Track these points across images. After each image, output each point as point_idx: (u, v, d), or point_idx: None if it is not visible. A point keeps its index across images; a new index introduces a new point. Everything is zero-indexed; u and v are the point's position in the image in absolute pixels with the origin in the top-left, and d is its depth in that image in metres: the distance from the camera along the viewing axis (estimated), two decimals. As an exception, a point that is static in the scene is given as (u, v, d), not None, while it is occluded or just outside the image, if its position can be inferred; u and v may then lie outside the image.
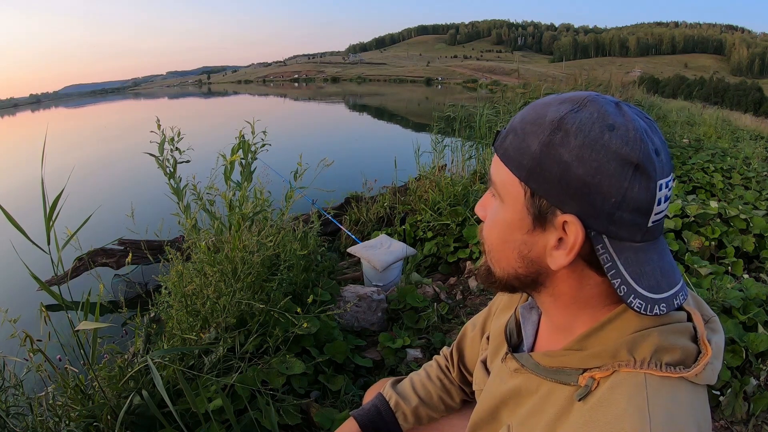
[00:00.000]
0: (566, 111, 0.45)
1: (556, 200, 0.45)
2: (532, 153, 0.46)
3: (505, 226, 0.51)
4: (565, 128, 0.45)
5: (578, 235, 0.45)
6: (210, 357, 1.42)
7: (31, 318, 1.27)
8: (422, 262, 2.93)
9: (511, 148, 0.48)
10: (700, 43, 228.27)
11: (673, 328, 0.47)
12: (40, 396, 1.25)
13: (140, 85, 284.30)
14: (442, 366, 0.88)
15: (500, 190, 0.51)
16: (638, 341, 0.46)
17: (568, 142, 0.44)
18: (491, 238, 0.53)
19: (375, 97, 46.16)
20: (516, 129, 0.49)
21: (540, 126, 0.46)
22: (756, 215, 2.68)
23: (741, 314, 1.73)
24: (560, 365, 0.52)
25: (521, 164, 0.47)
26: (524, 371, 0.56)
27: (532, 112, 0.48)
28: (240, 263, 1.58)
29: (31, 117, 61.30)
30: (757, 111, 30.15)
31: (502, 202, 0.51)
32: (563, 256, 0.47)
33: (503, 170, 0.50)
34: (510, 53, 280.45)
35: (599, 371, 0.47)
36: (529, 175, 0.46)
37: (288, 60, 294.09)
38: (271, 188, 2.16)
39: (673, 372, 0.44)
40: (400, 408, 0.82)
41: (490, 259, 0.55)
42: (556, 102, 0.47)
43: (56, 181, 1.28)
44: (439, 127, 4.27)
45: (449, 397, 0.84)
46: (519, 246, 0.50)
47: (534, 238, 0.49)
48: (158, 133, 2.08)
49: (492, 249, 0.54)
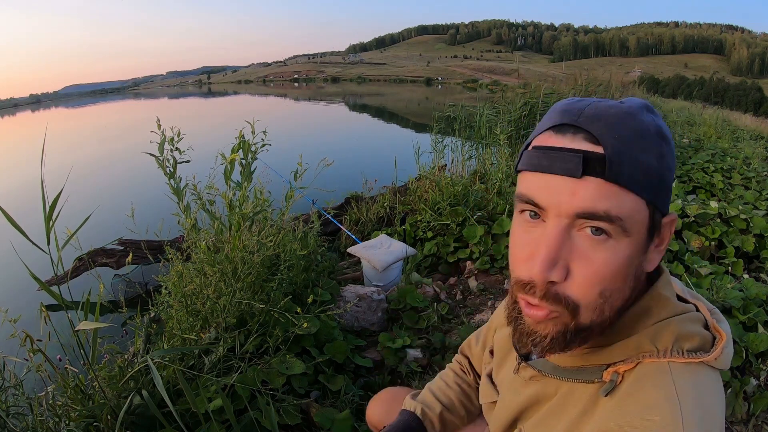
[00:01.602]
0: (657, 119, 0.46)
1: (666, 205, 0.47)
2: (656, 168, 0.44)
3: (630, 260, 0.45)
4: (666, 136, 0.46)
5: (674, 226, 0.48)
6: (210, 357, 1.42)
7: (31, 318, 1.27)
8: (422, 262, 2.93)
9: (631, 170, 0.43)
10: (700, 43, 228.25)
11: (689, 317, 0.49)
12: (40, 396, 1.26)
13: (140, 85, 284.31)
14: (458, 372, 0.87)
15: (626, 222, 0.43)
16: (660, 331, 0.47)
17: (671, 148, 0.46)
18: (613, 286, 0.45)
19: (375, 97, 46.16)
20: (626, 148, 0.43)
21: (649, 140, 0.44)
22: (756, 215, 2.68)
23: (741, 314, 1.73)
24: (582, 364, 0.50)
25: (648, 184, 0.44)
26: (542, 377, 0.55)
27: (629, 128, 0.44)
28: (240, 263, 1.58)
29: (31, 117, 61.30)
30: (757, 111, 30.15)
31: (625, 236, 0.44)
32: (658, 254, 0.48)
33: (627, 199, 0.43)
34: (510, 53, 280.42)
35: (623, 365, 0.47)
36: (655, 193, 0.45)
37: (288, 60, 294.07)
38: (271, 188, 2.16)
39: (695, 357, 0.46)
40: (427, 416, 0.81)
41: (602, 310, 0.45)
42: (637, 111, 0.45)
43: (56, 181, 1.28)
44: (439, 127, 4.27)
45: (469, 401, 0.84)
46: (636, 271, 0.47)
47: (645, 253, 0.47)
48: (158, 133, 2.08)
49: (611, 296, 0.45)
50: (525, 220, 0.48)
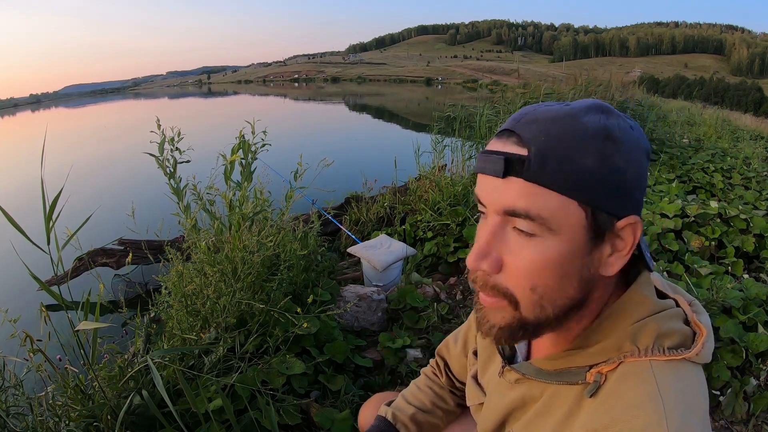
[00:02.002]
0: (603, 120, 0.45)
1: (617, 208, 0.46)
2: (590, 169, 0.44)
3: (562, 258, 0.46)
4: (613, 137, 0.45)
5: (637, 232, 0.47)
6: (210, 357, 1.42)
7: (31, 318, 1.27)
8: (422, 262, 2.93)
9: (557, 170, 0.44)
10: (700, 43, 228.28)
11: (668, 315, 0.49)
12: (40, 396, 1.26)
13: (140, 85, 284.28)
14: (429, 375, 0.89)
15: (550, 221, 0.45)
16: (640, 331, 0.48)
17: (619, 149, 0.45)
18: (544, 282, 0.46)
19: (375, 97, 46.17)
20: (553, 148, 0.44)
21: (586, 140, 0.44)
22: (756, 215, 2.68)
23: (741, 314, 1.73)
24: (565, 366, 0.51)
25: (579, 185, 0.44)
26: (525, 380, 0.56)
27: (562, 129, 0.45)
28: (240, 263, 1.58)
29: (31, 117, 61.32)
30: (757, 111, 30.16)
31: (553, 234, 0.45)
32: (620, 259, 0.47)
33: (551, 198, 0.44)
34: (510, 53, 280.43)
35: (606, 365, 0.48)
36: (590, 194, 0.44)
37: (288, 60, 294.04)
38: (271, 188, 2.16)
39: (676, 354, 0.46)
40: (398, 419, 0.83)
41: (541, 305, 0.47)
42: (580, 112, 0.45)
43: (56, 181, 1.28)
44: (439, 127, 4.27)
45: (443, 401, 0.85)
46: (580, 271, 0.47)
47: (592, 256, 0.47)
48: (158, 133, 2.08)
49: (546, 292, 0.47)
50: (482, 217, 0.52)
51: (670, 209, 2.67)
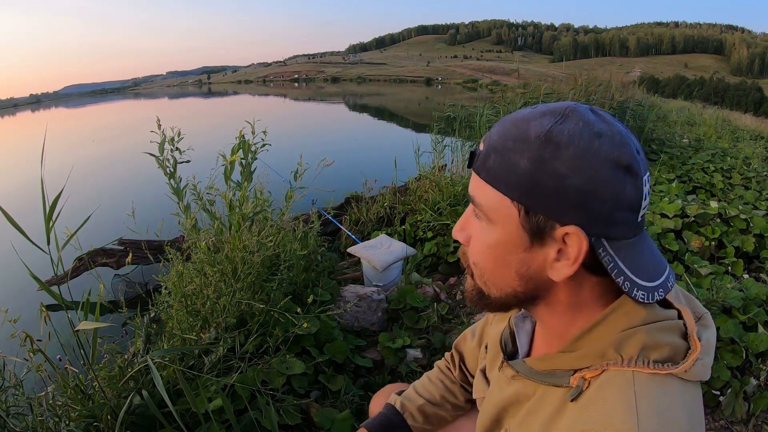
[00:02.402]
0: (551, 123, 0.45)
1: (555, 213, 0.45)
2: (523, 170, 0.45)
3: (497, 247, 0.50)
4: (555, 141, 0.44)
5: (582, 244, 0.45)
6: (210, 357, 1.42)
7: (31, 318, 1.27)
8: (422, 262, 2.93)
9: (495, 167, 0.47)
10: (700, 43, 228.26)
11: (662, 326, 0.48)
12: (40, 396, 1.26)
13: (140, 85, 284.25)
14: (442, 368, 0.90)
15: (488, 212, 0.49)
16: (625, 340, 0.47)
17: (561, 154, 0.44)
18: (483, 263, 0.52)
19: (375, 97, 46.17)
20: (497, 148, 0.47)
21: (525, 142, 0.45)
22: (756, 215, 2.68)
23: (741, 314, 1.73)
24: (551, 368, 0.52)
25: (511, 183, 0.46)
26: (520, 377, 0.57)
27: (512, 128, 0.47)
28: (240, 263, 1.58)
29: (31, 117, 61.33)
30: (757, 111, 30.15)
31: (491, 224, 0.49)
32: (567, 267, 0.47)
33: (489, 191, 0.48)
34: (510, 53, 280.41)
35: (589, 371, 0.48)
36: (522, 194, 0.46)
37: (288, 60, 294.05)
38: (271, 188, 2.16)
39: (661, 369, 0.45)
40: (406, 408, 0.85)
41: (484, 282, 0.53)
42: (535, 116, 0.47)
43: (56, 181, 1.28)
44: (439, 127, 4.27)
45: (452, 396, 0.86)
46: (517, 265, 0.49)
47: (532, 254, 0.48)
48: (158, 133, 2.08)
49: (485, 272, 0.52)
50: None
51: (670, 209, 2.67)
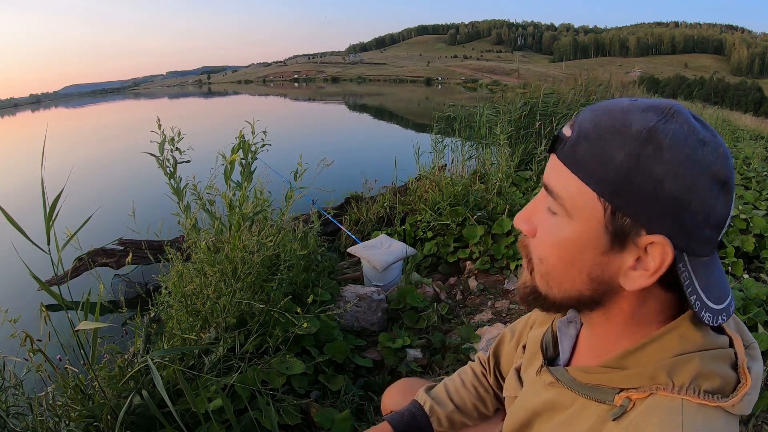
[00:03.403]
0: (654, 121, 0.42)
1: (644, 219, 0.42)
2: (618, 165, 0.41)
3: (572, 245, 0.46)
4: (658, 141, 0.41)
5: (666, 256, 0.42)
6: (210, 357, 1.42)
7: (31, 318, 1.27)
8: (422, 262, 2.93)
9: (586, 157, 0.43)
10: (700, 43, 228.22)
11: (715, 355, 0.45)
12: (40, 396, 1.25)
13: (140, 85, 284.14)
14: (477, 373, 0.87)
15: (568, 204, 0.45)
16: (679, 365, 0.45)
17: (662, 156, 0.41)
18: (551, 259, 0.48)
19: (375, 97, 46.18)
20: (590, 136, 0.43)
21: (625, 136, 0.42)
22: (756, 215, 2.68)
23: (741, 314, 1.73)
24: (597, 383, 0.50)
25: (602, 178, 0.42)
26: (559, 385, 0.55)
27: (608, 118, 0.43)
28: (240, 263, 1.58)
29: (31, 117, 61.32)
30: (757, 111, 30.18)
31: (569, 218, 0.45)
32: (644, 278, 0.44)
33: (573, 182, 0.44)
34: (510, 53, 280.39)
35: (636, 392, 0.46)
36: (613, 191, 0.42)
37: (288, 60, 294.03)
38: (271, 188, 2.16)
39: (711, 400, 0.43)
40: (435, 413, 0.82)
41: (547, 281, 0.49)
42: (637, 109, 0.43)
43: (56, 181, 1.28)
44: (439, 127, 4.27)
45: (483, 405, 0.84)
46: (589, 267, 0.46)
47: (609, 258, 0.45)
48: (158, 133, 2.08)
49: (552, 270, 0.48)
50: None
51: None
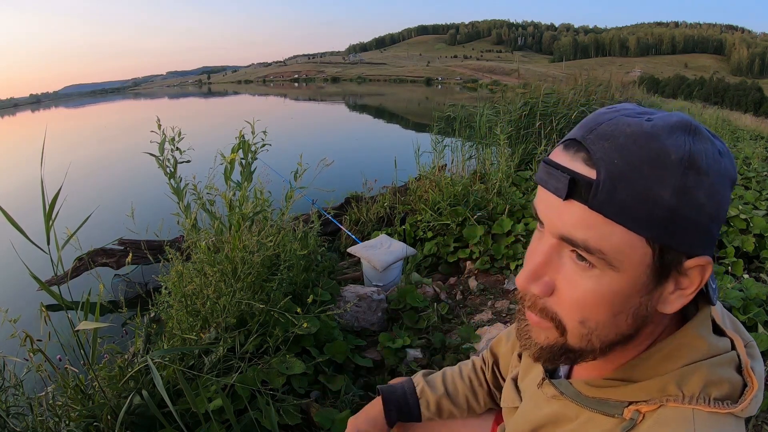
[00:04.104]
0: (688, 144, 0.38)
1: (688, 248, 0.40)
2: (666, 204, 0.37)
3: (620, 296, 0.42)
4: (697, 166, 0.38)
5: (706, 272, 0.41)
6: (210, 357, 1.42)
7: (31, 318, 1.27)
8: (422, 262, 2.93)
9: (630, 202, 0.38)
10: (700, 43, 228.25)
11: (721, 360, 0.45)
12: (40, 396, 1.25)
13: (140, 85, 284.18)
14: (476, 367, 0.87)
15: (612, 257, 0.40)
16: (688, 375, 0.44)
17: (702, 181, 0.38)
18: (598, 318, 0.43)
19: (375, 97, 46.18)
20: (625, 175, 0.38)
21: (666, 168, 0.37)
22: (756, 215, 2.68)
23: (741, 314, 1.73)
24: (604, 396, 0.48)
25: (651, 221, 0.38)
26: (562, 398, 0.53)
27: (638, 149, 0.38)
28: (240, 263, 1.58)
29: (31, 117, 61.32)
30: (757, 111, 30.19)
31: (612, 270, 0.41)
32: (683, 298, 0.43)
33: (617, 232, 0.39)
34: (510, 53, 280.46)
35: (646, 405, 0.45)
36: (662, 232, 0.38)
37: (288, 60, 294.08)
38: (271, 188, 2.16)
39: (722, 408, 0.42)
40: (425, 395, 0.83)
41: (589, 339, 0.44)
42: (663, 132, 0.38)
43: (56, 181, 1.28)
44: (439, 127, 4.27)
45: (474, 398, 0.84)
46: (635, 310, 0.43)
47: (654, 293, 0.42)
48: (158, 132, 2.08)
49: (597, 327, 0.43)
50: (538, 230, 0.48)
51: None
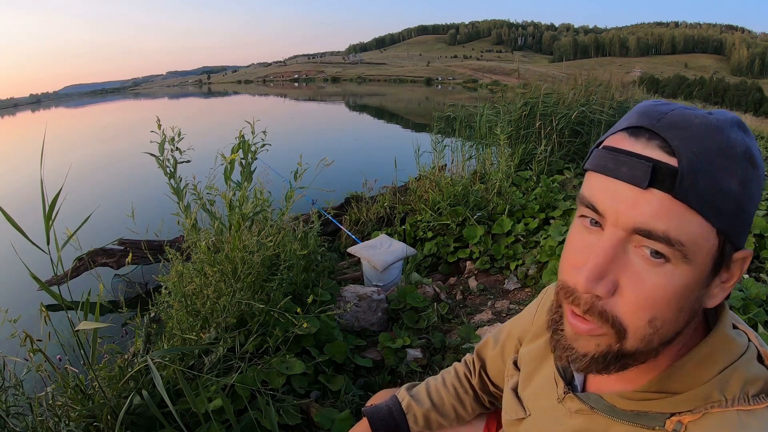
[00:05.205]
0: (749, 139, 0.40)
1: (740, 240, 0.40)
2: (734, 194, 0.38)
3: (686, 291, 0.40)
4: (754, 160, 0.40)
5: (746, 264, 0.42)
6: (210, 357, 1.42)
7: (31, 318, 1.27)
8: (422, 262, 2.93)
9: (708, 191, 0.38)
10: (700, 43, 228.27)
11: (749, 357, 0.45)
12: (40, 396, 1.25)
13: (140, 85, 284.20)
14: (460, 374, 0.84)
15: (688, 249, 0.38)
16: (728, 379, 0.43)
17: (756, 175, 0.40)
18: (665, 315, 0.41)
19: (375, 97, 46.18)
20: (703, 165, 0.38)
21: (734, 160, 0.38)
22: (756, 215, 2.68)
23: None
24: (644, 409, 0.46)
25: (722, 211, 0.38)
26: (590, 412, 0.50)
27: (710, 141, 0.38)
28: (240, 263, 1.58)
29: (31, 117, 61.31)
30: (757, 111, 30.21)
31: (685, 263, 0.39)
32: (724, 291, 0.43)
33: (694, 222, 0.38)
34: (510, 53, 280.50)
35: (689, 415, 0.43)
36: (729, 222, 0.39)
37: (288, 60, 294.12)
38: (271, 188, 2.16)
39: (760, 403, 0.42)
40: (412, 410, 0.81)
41: (651, 340, 0.42)
42: (726, 125, 0.39)
43: (56, 181, 1.28)
44: (439, 127, 4.27)
45: (462, 406, 0.81)
46: (693, 304, 0.42)
47: (707, 288, 0.42)
48: (158, 133, 2.08)
49: (662, 326, 0.41)
50: (583, 225, 0.44)
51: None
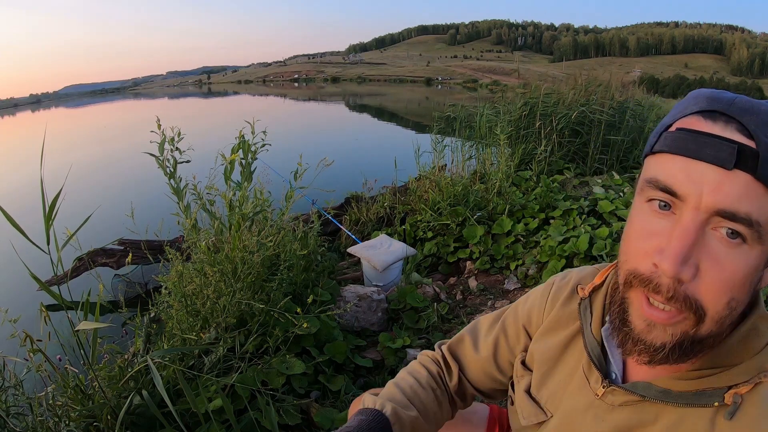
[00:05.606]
0: None
1: None
2: None
3: (756, 272, 0.42)
4: None
5: None
6: (210, 357, 1.42)
7: (31, 318, 1.27)
8: (422, 262, 2.93)
9: None
10: (700, 43, 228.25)
11: None
12: (40, 396, 1.26)
13: (140, 85, 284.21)
14: (434, 374, 0.74)
15: (765, 229, 0.39)
16: None
17: None
18: (739, 296, 0.41)
19: (375, 97, 46.17)
20: None
21: None
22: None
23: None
24: (701, 387, 0.46)
25: None
26: (636, 402, 0.50)
27: None
28: (240, 263, 1.58)
29: (31, 117, 61.29)
30: (757, 111, 30.17)
31: (760, 245, 0.40)
32: None
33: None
34: (510, 53, 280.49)
35: (745, 386, 0.44)
36: None
37: (288, 60, 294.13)
38: (271, 188, 2.17)
39: None
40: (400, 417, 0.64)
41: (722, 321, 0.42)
42: None
43: (56, 181, 1.28)
44: (439, 127, 4.27)
45: (440, 410, 0.72)
46: (757, 284, 0.43)
47: (766, 268, 0.43)
48: (158, 133, 2.08)
49: (737, 307, 0.42)
50: (652, 209, 0.43)
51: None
